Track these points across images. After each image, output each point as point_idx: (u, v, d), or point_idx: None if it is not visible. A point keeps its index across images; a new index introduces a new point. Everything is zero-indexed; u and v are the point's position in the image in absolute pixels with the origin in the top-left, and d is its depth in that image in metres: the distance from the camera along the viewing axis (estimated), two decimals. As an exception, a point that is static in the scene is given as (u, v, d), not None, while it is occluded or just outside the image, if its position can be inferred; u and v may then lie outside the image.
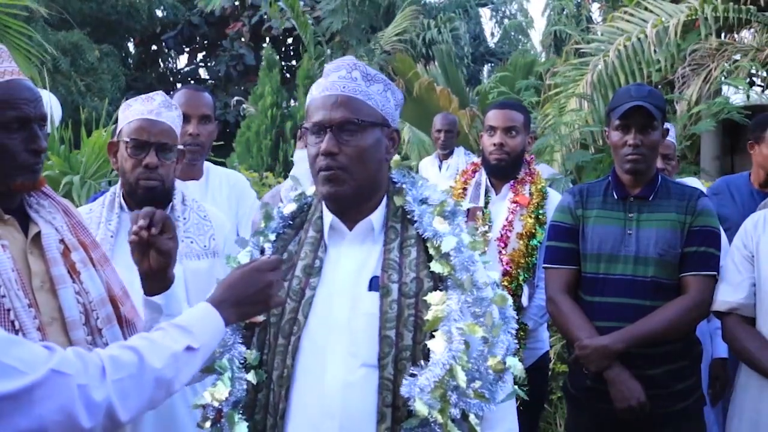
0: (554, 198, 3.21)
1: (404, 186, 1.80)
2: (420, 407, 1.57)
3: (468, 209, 3.20)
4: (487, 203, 3.22)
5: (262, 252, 1.81)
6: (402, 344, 1.64)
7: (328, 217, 1.77)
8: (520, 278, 3.06)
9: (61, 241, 1.79)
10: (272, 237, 1.83)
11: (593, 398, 2.63)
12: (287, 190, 2.73)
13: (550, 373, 4.10)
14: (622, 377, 2.51)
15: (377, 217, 1.76)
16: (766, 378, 2.40)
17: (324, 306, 1.69)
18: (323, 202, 1.80)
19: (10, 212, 1.74)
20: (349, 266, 1.73)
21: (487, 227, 3.14)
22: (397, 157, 1.85)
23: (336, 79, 1.72)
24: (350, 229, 1.76)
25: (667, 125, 3.59)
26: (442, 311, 1.65)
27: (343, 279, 1.72)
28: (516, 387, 1.76)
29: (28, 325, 1.63)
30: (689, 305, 2.56)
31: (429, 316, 1.65)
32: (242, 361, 1.70)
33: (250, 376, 1.70)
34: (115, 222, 2.44)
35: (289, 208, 1.87)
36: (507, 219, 3.14)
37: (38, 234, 1.76)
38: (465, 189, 3.28)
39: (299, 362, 1.67)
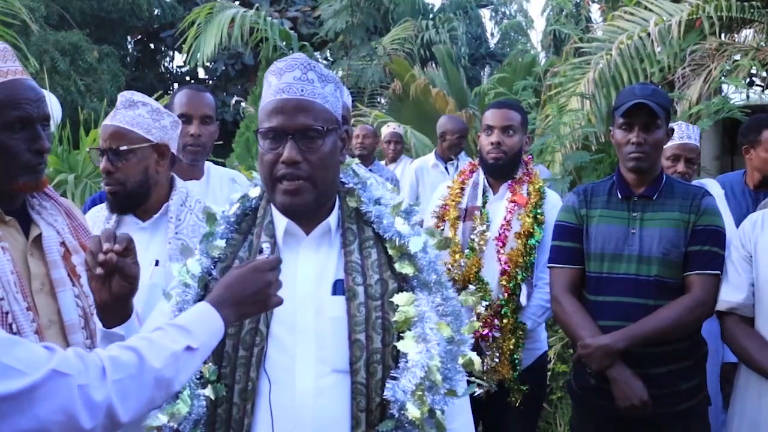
0: (552, 198, 3.22)
1: (355, 187, 1.77)
2: (413, 410, 1.57)
3: (466, 209, 3.21)
4: (484, 203, 3.22)
5: (213, 260, 1.73)
6: (372, 347, 1.61)
7: (281, 221, 1.72)
8: (519, 278, 3.05)
9: (62, 243, 1.79)
10: (222, 244, 1.74)
11: (597, 397, 2.64)
12: None
13: (549, 373, 4.11)
14: (625, 376, 2.51)
15: (333, 219, 1.73)
16: (766, 378, 2.40)
17: (287, 313, 1.63)
18: (272, 206, 1.74)
19: (11, 213, 1.74)
20: (309, 271, 1.69)
21: (485, 227, 3.14)
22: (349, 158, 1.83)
23: (292, 81, 1.65)
24: (306, 233, 1.72)
25: (690, 127, 3.59)
26: (411, 312, 1.64)
27: (304, 284, 1.67)
28: (474, 379, 1.76)
29: (26, 328, 1.62)
30: (692, 304, 2.56)
31: (397, 317, 1.64)
32: (198, 377, 1.62)
33: (208, 392, 1.62)
34: (113, 220, 2.44)
35: (234, 211, 1.78)
36: (505, 218, 3.13)
37: (39, 236, 1.76)
38: (462, 189, 3.28)
39: (264, 373, 1.61)
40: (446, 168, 6.21)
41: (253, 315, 1.58)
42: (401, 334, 1.64)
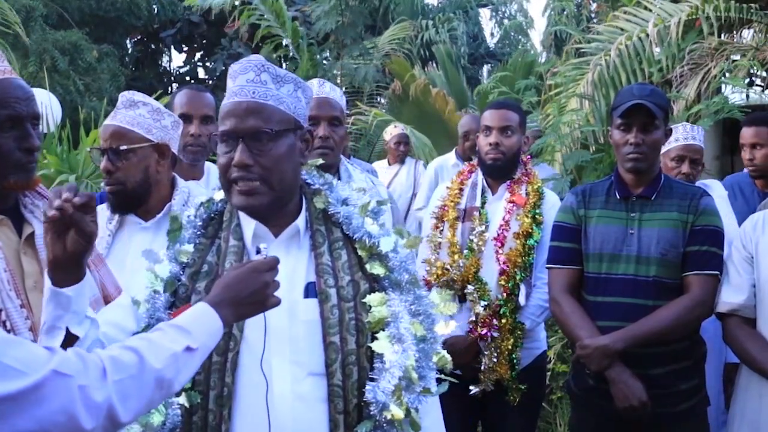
0: (551, 198, 3.22)
1: (322, 188, 1.77)
2: (396, 411, 1.58)
3: (465, 209, 3.21)
4: (483, 203, 3.22)
5: (182, 265, 1.72)
6: (347, 349, 1.63)
7: (249, 224, 1.71)
8: (518, 277, 3.05)
9: (56, 241, 1.79)
10: (190, 248, 1.73)
11: (596, 397, 2.63)
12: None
13: (549, 373, 4.11)
14: (623, 377, 2.51)
15: (301, 221, 1.73)
16: (767, 379, 2.40)
17: (260, 317, 1.60)
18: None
19: (4, 212, 1.75)
20: (280, 274, 1.66)
21: (483, 227, 3.14)
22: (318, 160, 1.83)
23: (244, 83, 1.64)
24: (275, 235, 1.71)
25: (695, 128, 3.60)
26: (384, 312, 1.65)
27: None
28: (443, 376, 1.76)
29: (20, 325, 1.63)
30: (691, 305, 2.56)
31: (370, 318, 1.65)
32: None
33: (182, 399, 1.61)
34: (115, 222, 2.45)
35: (200, 215, 1.78)
36: (504, 219, 3.13)
37: (32, 234, 1.77)
38: (461, 189, 3.27)
39: (240, 378, 1.61)
40: None
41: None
42: (375, 335, 1.65)
